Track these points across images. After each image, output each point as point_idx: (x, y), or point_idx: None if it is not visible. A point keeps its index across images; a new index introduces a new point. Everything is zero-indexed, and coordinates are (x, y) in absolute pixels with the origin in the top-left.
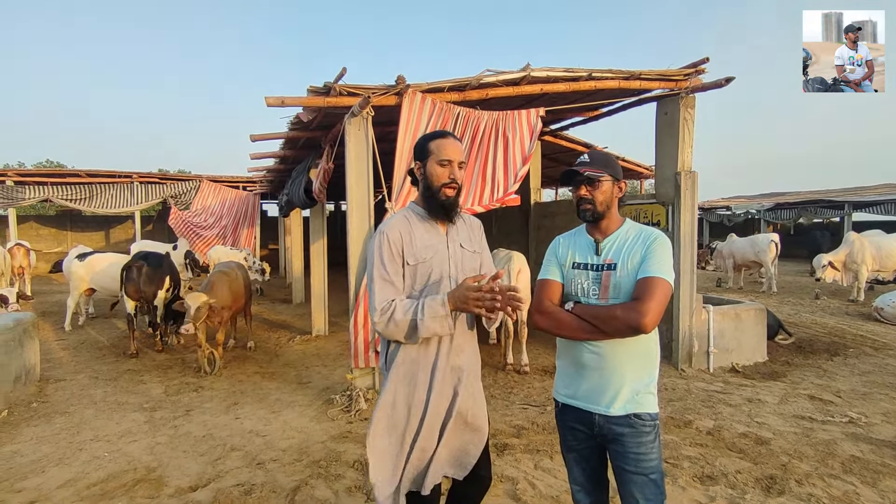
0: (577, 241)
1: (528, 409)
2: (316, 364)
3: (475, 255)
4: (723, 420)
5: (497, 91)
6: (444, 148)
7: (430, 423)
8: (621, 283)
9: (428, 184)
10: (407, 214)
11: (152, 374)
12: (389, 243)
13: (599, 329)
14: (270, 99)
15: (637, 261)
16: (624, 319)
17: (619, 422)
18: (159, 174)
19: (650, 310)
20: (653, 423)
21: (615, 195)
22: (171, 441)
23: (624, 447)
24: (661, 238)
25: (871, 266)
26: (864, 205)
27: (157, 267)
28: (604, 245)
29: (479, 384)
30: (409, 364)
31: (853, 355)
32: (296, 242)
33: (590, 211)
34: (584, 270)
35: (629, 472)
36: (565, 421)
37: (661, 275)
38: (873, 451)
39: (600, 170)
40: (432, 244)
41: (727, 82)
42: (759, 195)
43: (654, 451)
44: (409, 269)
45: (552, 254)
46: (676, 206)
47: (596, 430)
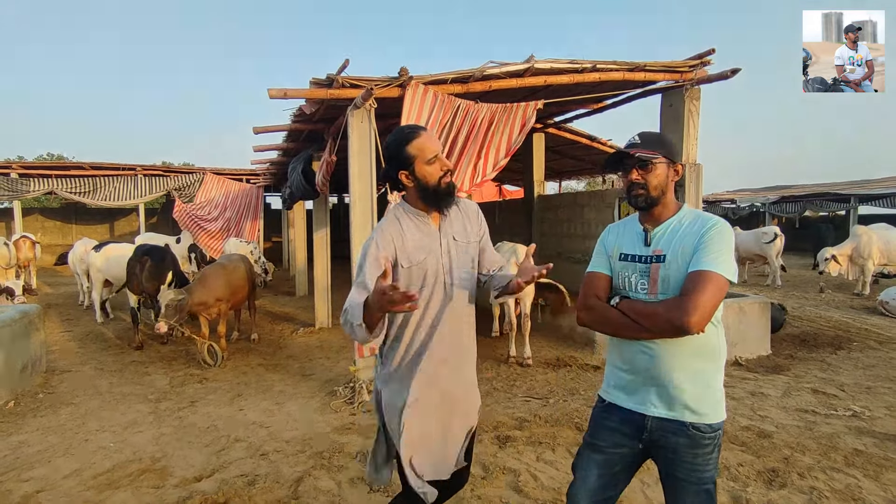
0: (627, 230)
1: (531, 402)
2: (319, 356)
3: (470, 246)
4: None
5: (500, 83)
6: (425, 145)
7: (422, 413)
8: (670, 277)
9: (424, 185)
10: (397, 214)
11: (157, 365)
12: (377, 248)
13: (643, 327)
14: (273, 91)
15: (689, 251)
16: (666, 317)
17: (675, 430)
18: (163, 167)
19: (697, 308)
20: (714, 434)
21: (671, 179)
22: (176, 432)
23: (677, 455)
24: (720, 226)
25: (878, 260)
26: (870, 198)
27: (159, 262)
28: (654, 234)
29: (473, 373)
30: (401, 356)
31: (857, 349)
32: (299, 235)
33: (643, 196)
34: (631, 262)
35: (683, 483)
36: (606, 421)
37: (715, 268)
38: (876, 445)
39: (653, 150)
40: (424, 244)
41: (733, 74)
42: (764, 188)
43: (712, 462)
44: (403, 271)
45: (601, 244)
46: (681, 199)
47: (645, 435)
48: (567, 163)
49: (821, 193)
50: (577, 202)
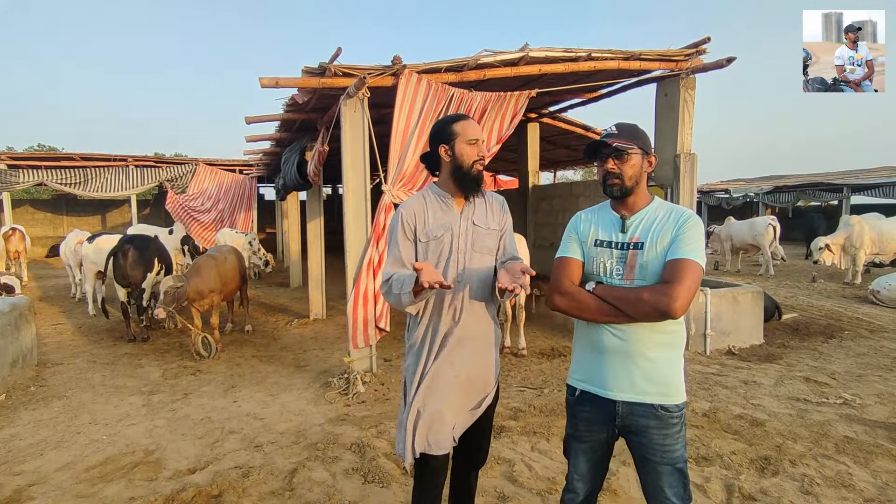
0: (601, 216)
1: (526, 392)
2: (313, 347)
3: (490, 233)
4: (719, 402)
5: (495, 72)
6: (469, 128)
7: (437, 389)
8: (648, 264)
9: (459, 163)
10: (425, 194)
11: (150, 357)
12: (403, 223)
13: (623, 312)
14: (265, 80)
15: (667, 241)
16: (653, 303)
17: (644, 412)
18: (155, 157)
19: (681, 294)
20: (679, 413)
21: (644, 169)
22: (170, 424)
23: (649, 439)
24: (695, 219)
25: (869, 249)
26: (863, 188)
27: (143, 250)
28: (631, 222)
29: (492, 354)
30: (425, 330)
31: (849, 338)
32: (293, 226)
33: (617, 186)
34: (607, 248)
35: (654, 463)
36: (580, 410)
37: (694, 257)
38: (866, 432)
39: (629, 141)
40: (445, 222)
41: (728, 62)
42: (757, 178)
43: (681, 441)
44: (421, 245)
45: (573, 230)
46: (675, 189)
47: (617, 421)
48: (562, 152)
49: (814, 183)
50: (572, 192)
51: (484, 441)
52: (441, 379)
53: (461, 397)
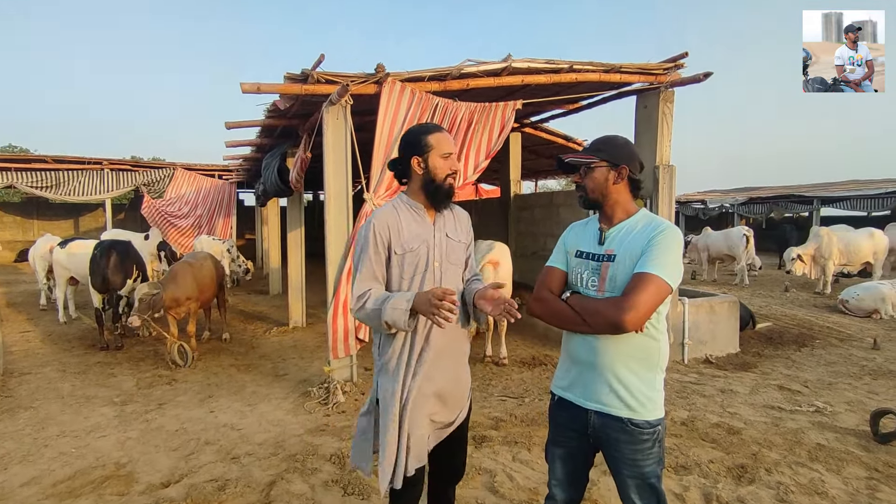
0: (586, 229)
1: (507, 401)
2: (293, 356)
3: (460, 245)
4: (697, 411)
5: (478, 81)
6: (444, 141)
7: (417, 406)
8: (618, 276)
9: (431, 177)
10: (396, 204)
11: (123, 366)
12: (376, 234)
13: (585, 322)
14: (246, 85)
15: (637, 253)
16: (604, 314)
17: (613, 425)
18: (131, 161)
19: (633, 307)
20: (652, 430)
21: (611, 181)
22: (143, 436)
23: (620, 452)
24: (669, 231)
25: (838, 260)
26: (831, 200)
27: (124, 255)
28: (608, 234)
29: (465, 366)
30: (400, 349)
31: (820, 346)
32: (273, 232)
33: (582, 198)
34: (585, 260)
35: (626, 476)
36: (559, 416)
37: (657, 271)
38: (838, 440)
39: (590, 155)
40: (420, 233)
41: (705, 77)
42: (732, 189)
43: (653, 457)
44: (396, 258)
45: (561, 241)
46: (654, 200)
47: (590, 430)
48: (543, 162)
49: (785, 195)
50: (553, 202)
51: (460, 455)
52: (421, 396)
53: (438, 411)
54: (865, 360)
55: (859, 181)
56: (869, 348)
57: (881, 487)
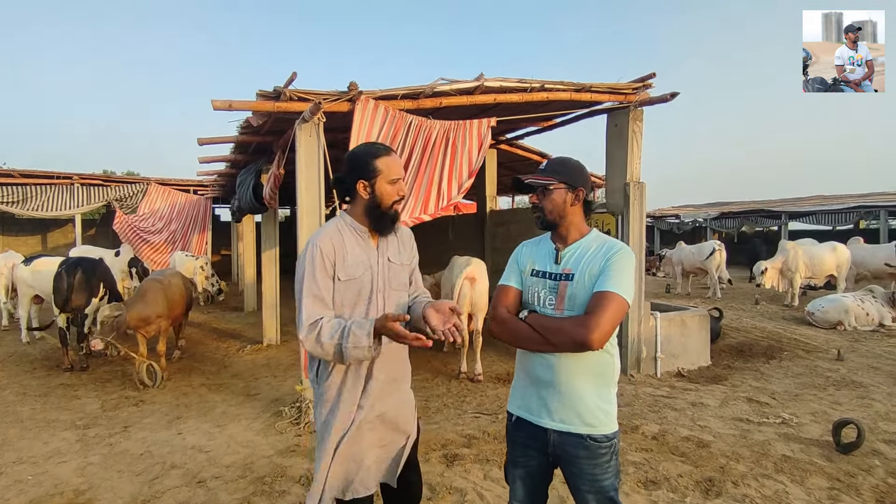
0: (540, 248)
1: (481, 418)
2: (265, 375)
3: (403, 268)
4: (668, 424)
5: (451, 100)
6: (393, 166)
7: (362, 433)
8: (577, 295)
9: (378, 202)
10: (339, 226)
11: (88, 388)
12: (322, 256)
13: (548, 341)
14: (217, 102)
15: (595, 273)
16: (570, 333)
17: (573, 442)
18: (103, 175)
19: (598, 325)
20: (609, 443)
21: (569, 203)
22: (105, 460)
23: (579, 468)
24: (624, 252)
25: (804, 273)
26: (799, 215)
27: (89, 274)
28: (564, 254)
29: (408, 390)
30: (343, 377)
31: (787, 358)
32: (248, 249)
33: (540, 219)
34: (541, 279)
35: (585, 492)
36: (517, 436)
37: (618, 290)
38: (802, 451)
39: (548, 177)
40: (363, 260)
41: (672, 97)
42: (705, 204)
43: (611, 470)
44: (338, 284)
45: (514, 260)
46: (626, 216)
47: (550, 449)
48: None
49: (755, 210)
50: (530, 217)
51: (414, 476)
52: (366, 424)
53: (385, 435)
54: (830, 372)
55: (825, 196)
56: (833, 359)
57: (842, 497)
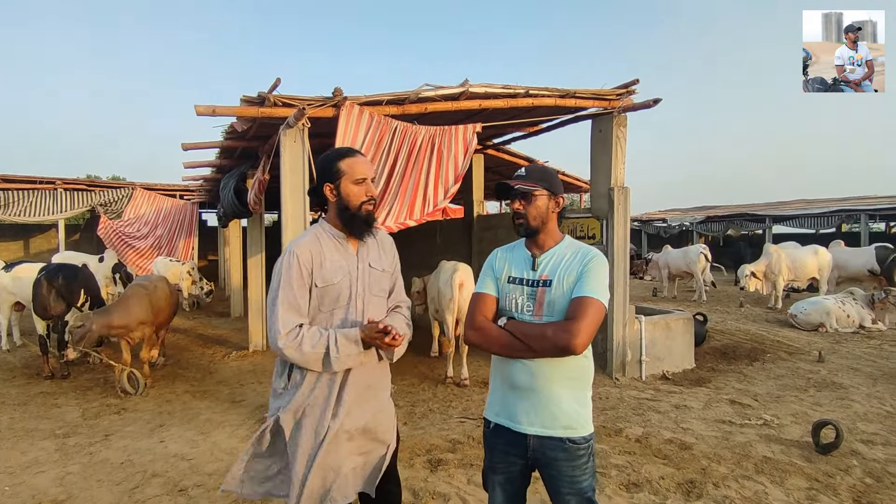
0: (514, 254)
1: (466, 423)
2: (251, 381)
3: (384, 274)
4: (651, 427)
5: (436, 105)
6: (357, 166)
7: (339, 442)
8: (556, 301)
9: (345, 204)
10: (318, 233)
11: (69, 396)
12: (300, 264)
13: (530, 347)
14: (200, 108)
15: (573, 279)
16: (553, 339)
17: (553, 446)
18: (87, 181)
19: (581, 330)
20: (587, 444)
21: (551, 210)
22: (85, 470)
23: (559, 471)
24: (599, 258)
25: (786, 276)
26: (782, 218)
27: (70, 281)
28: (541, 260)
29: (387, 398)
30: (317, 383)
31: (770, 360)
32: (234, 254)
33: (523, 226)
34: (519, 285)
35: (564, 494)
36: (496, 443)
37: (596, 295)
38: (783, 452)
39: (534, 183)
40: (341, 265)
41: (655, 103)
42: (692, 208)
43: (589, 471)
44: (316, 290)
45: (489, 267)
46: (610, 221)
47: (529, 453)
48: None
49: (740, 214)
50: None
51: (394, 487)
52: (343, 433)
53: (364, 444)
54: (811, 373)
55: (808, 200)
56: (814, 361)
57: (820, 497)
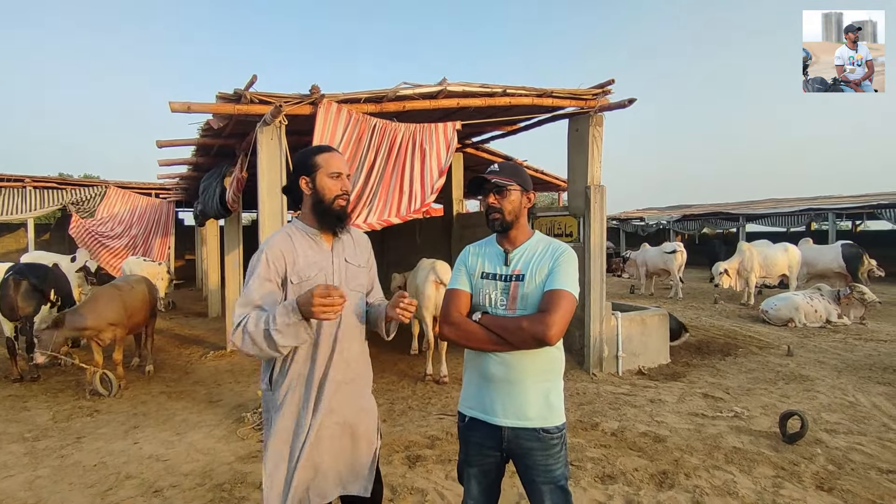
0: (487, 250)
1: (445, 419)
2: (229, 381)
3: (361, 270)
4: (627, 421)
5: (414, 104)
6: (333, 161)
7: (320, 439)
8: (529, 295)
9: (320, 197)
10: (290, 231)
11: (39, 399)
12: (268, 263)
13: (506, 340)
14: (175, 104)
15: (545, 273)
16: (530, 331)
17: (528, 436)
18: (58, 178)
19: (555, 322)
20: (560, 434)
21: (524, 205)
22: (56, 473)
23: (533, 461)
24: (569, 252)
25: (758, 273)
26: (755, 217)
27: (37, 280)
28: (513, 256)
29: (369, 396)
30: (298, 384)
31: (742, 354)
32: (212, 253)
33: (498, 220)
34: (492, 281)
35: (539, 483)
36: (471, 436)
37: (568, 288)
38: (752, 442)
39: (509, 178)
40: (316, 261)
41: (630, 103)
42: (668, 207)
43: (562, 460)
44: (293, 287)
45: (461, 263)
46: (587, 219)
47: (504, 445)
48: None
49: (715, 213)
50: None
51: (376, 485)
52: (324, 430)
53: (344, 444)
54: (780, 367)
55: (777, 199)
56: (784, 355)
57: (785, 484)
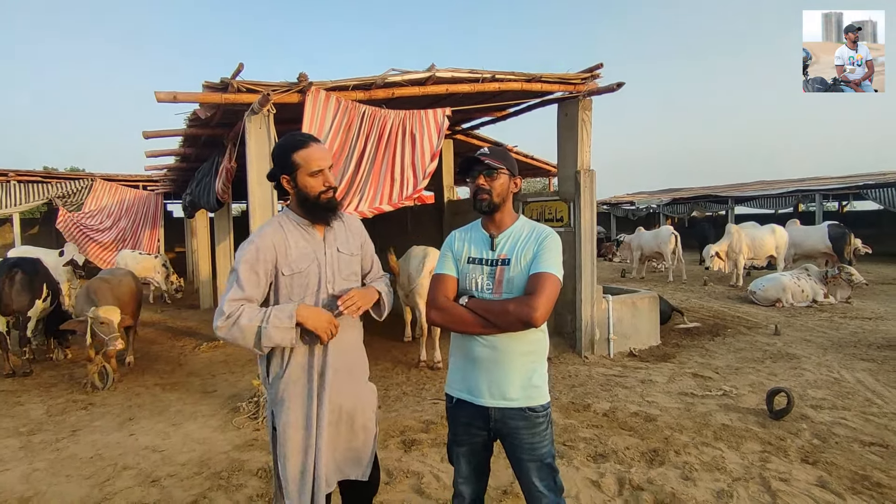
0: (472, 235)
1: (439, 404)
2: (223, 371)
3: (354, 258)
4: (618, 401)
5: (403, 90)
6: (313, 158)
7: (322, 427)
8: (514, 279)
9: (304, 195)
10: (282, 221)
11: (32, 393)
12: (258, 253)
13: (493, 323)
14: (161, 94)
15: (530, 257)
16: (516, 314)
17: (514, 415)
18: (43, 172)
19: (541, 304)
20: (545, 412)
21: (510, 190)
22: (52, 466)
23: (520, 439)
24: (553, 236)
25: (747, 254)
26: (743, 199)
27: (32, 275)
28: (499, 240)
29: (366, 384)
30: (300, 375)
31: (731, 335)
32: (202, 244)
33: (486, 201)
34: (478, 265)
35: (525, 461)
36: (459, 417)
37: (552, 271)
38: (740, 419)
39: (498, 161)
40: (308, 252)
41: (619, 87)
42: (658, 191)
43: (548, 438)
44: (284, 279)
45: (448, 248)
46: (577, 203)
47: (491, 425)
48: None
49: (704, 195)
50: None
51: (374, 471)
52: (326, 418)
53: (344, 431)
54: (768, 346)
55: (766, 181)
56: (771, 334)
57: (771, 459)
